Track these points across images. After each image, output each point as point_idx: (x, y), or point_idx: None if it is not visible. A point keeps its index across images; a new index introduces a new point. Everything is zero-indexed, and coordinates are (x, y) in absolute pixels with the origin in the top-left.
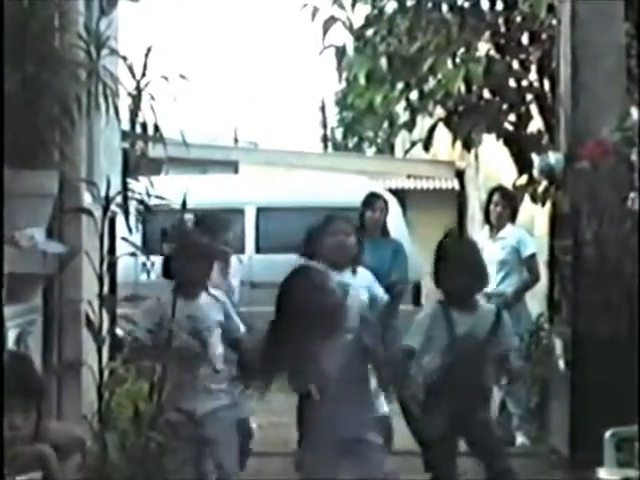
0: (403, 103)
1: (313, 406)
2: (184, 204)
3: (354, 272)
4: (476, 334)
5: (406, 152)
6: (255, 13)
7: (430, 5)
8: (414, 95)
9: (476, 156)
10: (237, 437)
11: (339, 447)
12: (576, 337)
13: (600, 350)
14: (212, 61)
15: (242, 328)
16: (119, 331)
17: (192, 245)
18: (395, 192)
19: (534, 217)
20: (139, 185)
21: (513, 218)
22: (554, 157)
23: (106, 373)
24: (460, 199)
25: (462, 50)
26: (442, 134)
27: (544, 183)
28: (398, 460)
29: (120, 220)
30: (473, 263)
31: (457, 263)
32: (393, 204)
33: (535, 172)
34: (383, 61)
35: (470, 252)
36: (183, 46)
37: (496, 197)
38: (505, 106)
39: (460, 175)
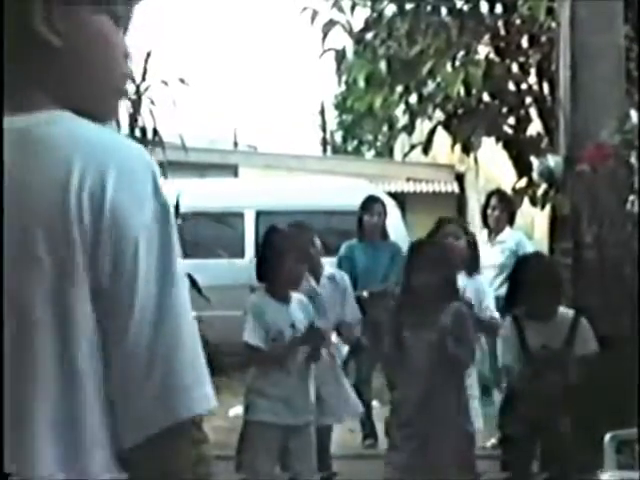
0: (402, 106)
1: (400, 409)
2: (177, 207)
3: (470, 275)
4: (551, 345)
5: (405, 155)
6: (254, 17)
7: (429, 8)
8: (413, 98)
9: (475, 159)
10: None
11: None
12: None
13: (600, 353)
14: (211, 65)
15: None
16: None
17: (296, 248)
18: (394, 195)
19: (534, 220)
20: None
21: (511, 222)
22: (553, 160)
23: None
24: (459, 202)
25: (461, 53)
26: (441, 137)
27: (543, 186)
28: None
29: None
30: (555, 279)
31: (539, 280)
32: (392, 207)
33: (534, 175)
34: (382, 64)
35: (549, 270)
36: (183, 50)
37: (494, 201)
38: (504, 109)
39: (459, 178)
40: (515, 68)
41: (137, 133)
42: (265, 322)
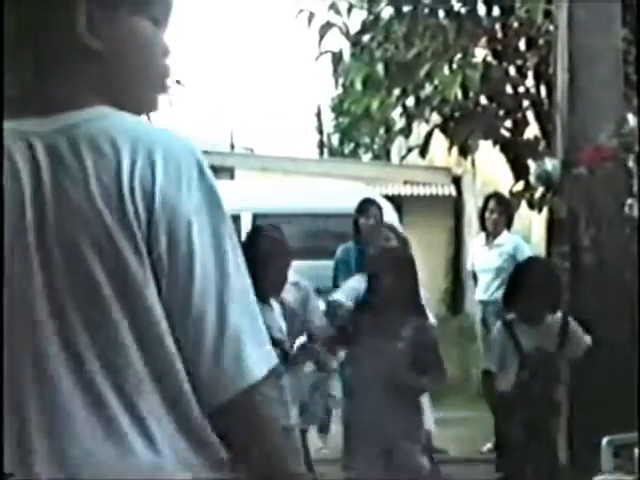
0: (399, 109)
1: (355, 409)
2: None
3: None
4: (547, 346)
5: (402, 158)
6: (251, 20)
7: (427, 11)
8: (411, 101)
9: (473, 162)
10: None
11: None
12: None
13: (598, 356)
14: (208, 67)
15: None
16: None
17: (282, 252)
18: (392, 198)
19: (531, 223)
20: None
21: (509, 225)
22: (551, 163)
23: None
24: (457, 205)
25: (459, 56)
26: (439, 140)
27: (541, 189)
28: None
29: None
30: (550, 285)
31: (533, 285)
32: (389, 210)
33: (532, 178)
34: (379, 67)
35: (548, 274)
36: (180, 53)
37: (492, 204)
38: (502, 112)
39: (457, 181)
40: (512, 71)
41: None
42: None
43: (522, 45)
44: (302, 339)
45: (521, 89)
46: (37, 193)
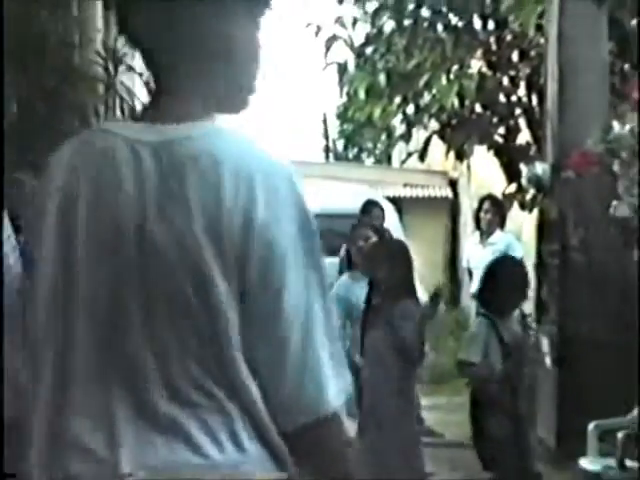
0: (400, 116)
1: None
2: None
3: None
4: (515, 336)
5: (403, 162)
6: (263, 33)
7: (426, 25)
8: (410, 109)
9: (468, 166)
10: None
11: None
12: (562, 336)
13: (584, 348)
14: None
15: None
16: None
17: None
18: (392, 200)
19: (523, 223)
20: None
21: (502, 224)
22: (541, 167)
23: None
24: (453, 207)
25: (456, 67)
26: (436, 145)
27: (532, 191)
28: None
29: None
30: (521, 280)
31: (507, 281)
32: (390, 211)
33: (523, 181)
34: (382, 77)
35: (520, 271)
36: None
37: (486, 205)
38: (495, 119)
39: (453, 184)
40: (506, 81)
41: None
42: None
43: (515, 57)
44: None
45: (514, 98)
46: (140, 205)
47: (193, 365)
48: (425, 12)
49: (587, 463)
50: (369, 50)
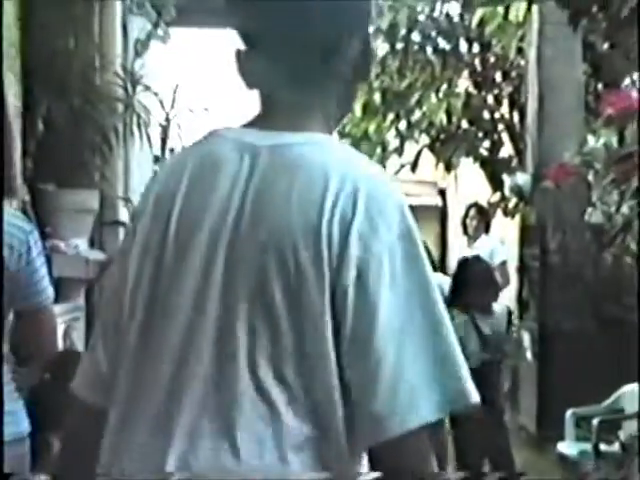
0: (393, 131)
1: None
2: None
3: None
4: (497, 332)
5: (396, 173)
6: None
7: (417, 48)
8: (403, 125)
9: (456, 177)
10: None
11: None
12: (542, 332)
13: (562, 342)
14: (232, 97)
15: None
16: None
17: None
18: None
19: (506, 229)
20: None
21: (487, 230)
22: (522, 178)
23: None
24: (442, 214)
25: (444, 86)
26: (426, 158)
27: (514, 200)
28: None
29: None
30: (491, 279)
31: (480, 280)
32: None
33: (506, 190)
34: (377, 96)
35: (486, 270)
36: (206, 83)
37: (472, 212)
38: (480, 134)
39: (442, 193)
40: (490, 99)
41: (167, 154)
42: None
43: (498, 77)
44: None
45: (497, 115)
46: (242, 200)
47: (274, 368)
48: (416, 36)
49: (564, 447)
50: None
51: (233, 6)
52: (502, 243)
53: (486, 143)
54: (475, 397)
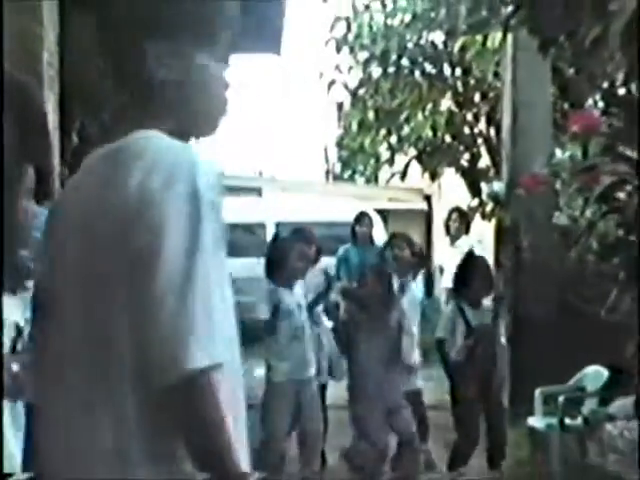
0: (385, 145)
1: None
2: None
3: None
4: (484, 322)
5: (387, 181)
6: (277, 79)
7: (406, 71)
8: (394, 139)
9: (439, 185)
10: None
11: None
12: (514, 320)
13: (532, 329)
14: (245, 115)
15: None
16: None
17: (297, 249)
18: (379, 211)
19: (483, 230)
20: None
21: (467, 231)
22: (498, 186)
23: None
24: (427, 217)
25: (430, 105)
26: (414, 168)
27: (491, 205)
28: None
29: None
30: (487, 276)
31: (477, 276)
32: (377, 221)
33: (484, 197)
34: (371, 113)
35: (486, 267)
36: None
37: (454, 215)
38: (462, 147)
39: (428, 199)
40: (470, 117)
41: None
42: (279, 304)
43: (477, 97)
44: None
45: (476, 130)
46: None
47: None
48: (405, 61)
49: (534, 421)
50: (361, 92)
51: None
52: (480, 242)
53: (466, 155)
54: (209, 362)
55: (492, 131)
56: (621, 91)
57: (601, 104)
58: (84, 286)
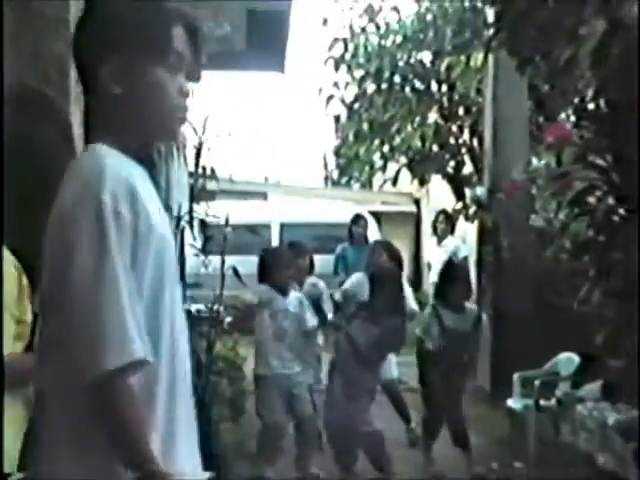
0: (378, 154)
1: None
2: (227, 221)
3: None
4: (461, 328)
5: (380, 187)
6: (281, 94)
7: (397, 88)
8: (386, 148)
9: (427, 189)
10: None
11: None
12: (495, 312)
13: (511, 321)
14: (252, 125)
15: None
16: (186, 306)
17: (286, 264)
18: (373, 214)
19: (467, 231)
20: (200, 208)
21: (452, 231)
22: (480, 190)
23: None
24: (417, 219)
25: (418, 118)
26: (405, 175)
27: (474, 208)
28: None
29: (188, 231)
30: (466, 281)
31: (457, 282)
32: (371, 222)
33: (468, 200)
34: (365, 125)
35: (466, 274)
36: (232, 114)
37: (440, 217)
38: (447, 156)
39: (417, 202)
40: (455, 128)
41: (200, 170)
42: (269, 305)
43: (461, 111)
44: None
45: (460, 141)
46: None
47: None
48: (397, 79)
49: (512, 403)
50: (356, 106)
51: None
52: (464, 242)
53: (452, 163)
54: (131, 358)
55: (475, 141)
56: (591, 106)
57: (573, 118)
58: (43, 290)
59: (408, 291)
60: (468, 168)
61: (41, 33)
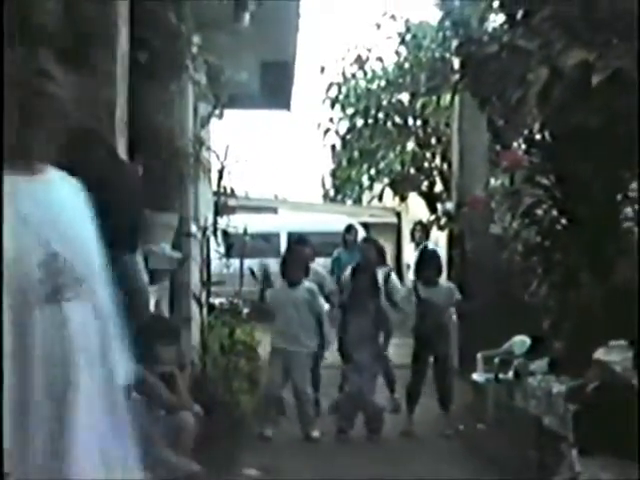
0: (367, 176)
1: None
2: (245, 231)
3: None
4: (435, 298)
5: (369, 202)
6: (288, 128)
7: (381, 122)
8: (373, 171)
9: (407, 204)
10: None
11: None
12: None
13: (475, 310)
14: (264, 153)
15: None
16: (212, 300)
17: (300, 257)
18: (363, 224)
19: (439, 238)
20: (222, 220)
21: (427, 238)
22: (449, 205)
23: (205, 323)
24: (398, 229)
25: (399, 147)
26: (388, 193)
27: (444, 219)
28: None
29: (212, 239)
30: (437, 261)
31: (428, 262)
32: (361, 231)
33: (439, 213)
34: (356, 153)
35: (435, 257)
36: (248, 143)
37: (417, 227)
38: (422, 177)
39: (398, 215)
40: (428, 155)
41: (222, 190)
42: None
43: (434, 141)
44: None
45: (433, 165)
46: None
47: None
48: (381, 115)
49: (476, 377)
50: (348, 137)
51: None
52: (436, 246)
53: (426, 183)
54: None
55: (445, 166)
56: (538, 136)
57: (524, 146)
58: None
59: (397, 283)
60: (439, 187)
61: (97, 84)
